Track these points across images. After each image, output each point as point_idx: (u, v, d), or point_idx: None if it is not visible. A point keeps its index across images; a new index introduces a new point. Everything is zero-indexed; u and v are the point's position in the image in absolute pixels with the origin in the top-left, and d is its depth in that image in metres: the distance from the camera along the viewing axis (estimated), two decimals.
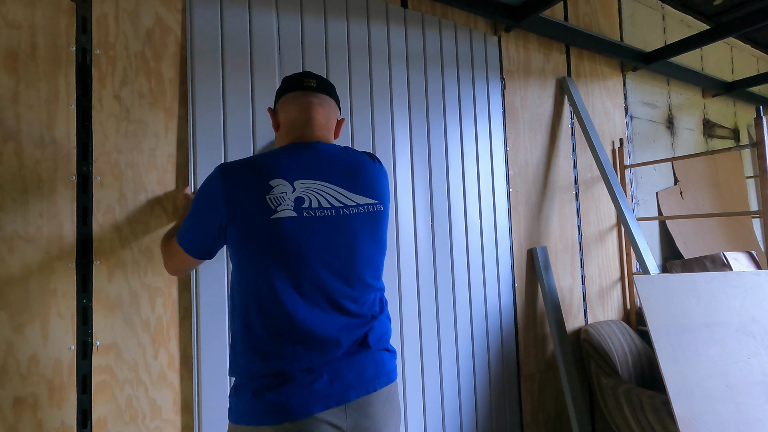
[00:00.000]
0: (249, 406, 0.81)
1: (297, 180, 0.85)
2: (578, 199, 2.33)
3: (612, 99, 2.58)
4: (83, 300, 1.13)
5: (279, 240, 0.82)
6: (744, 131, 3.68)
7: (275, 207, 0.82)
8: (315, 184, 0.87)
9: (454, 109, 1.88)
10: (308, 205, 0.85)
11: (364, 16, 1.66)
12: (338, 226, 0.88)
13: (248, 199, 0.82)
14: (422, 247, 1.71)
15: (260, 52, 1.42)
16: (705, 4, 3.07)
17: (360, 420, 0.85)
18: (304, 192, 0.85)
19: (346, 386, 0.84)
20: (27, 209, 1.08)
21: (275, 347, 0.82)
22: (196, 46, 1.31)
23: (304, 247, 0.83)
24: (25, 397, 1.04)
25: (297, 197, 0.84)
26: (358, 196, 0.92)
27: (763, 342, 1.56)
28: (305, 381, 0.81)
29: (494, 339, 1.90)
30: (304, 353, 0.83)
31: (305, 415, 0.79)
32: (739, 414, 1.41)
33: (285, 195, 0.83)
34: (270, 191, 0.82)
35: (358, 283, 0.91)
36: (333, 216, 0.87)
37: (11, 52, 1.08)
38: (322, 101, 0.96)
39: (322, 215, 0.86)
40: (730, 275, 1.71)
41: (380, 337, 0.94)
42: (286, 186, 0.84)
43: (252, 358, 0.83)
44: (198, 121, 1.30)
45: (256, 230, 0.82)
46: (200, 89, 1.31)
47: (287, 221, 0.82)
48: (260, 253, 0.83)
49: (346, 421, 0.83)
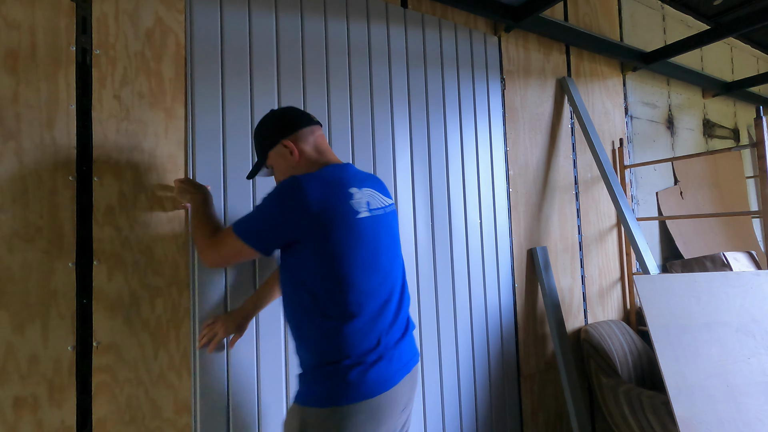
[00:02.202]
0: (347, 384, 0.93)
1: (361, 189, 1.04)
2: (578, 199, 2.33)
3: (612, 99, 2.58)
4: (83, 300, 1.13)
5: (361, 235, 0.99)
6: (744, 131, 3.68)
7: (358, 209, 1.00)
8: (368, 191, 1.07)
9: (454, 109, 1.88)
10: (374, 207, 1.05)
11: (364, 16, 1.66)
12: (388, 222, 1.10)
13: (338, 204, 0.97)
14: (422, 247, 1.71)
15: (260, 52, 1.42)
16: (705, 4, 3.07)
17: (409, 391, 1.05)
18: (368, 198, 1.05)
19: (405, 362, 1.02)
20: (27, 209, 1.08)
21: (367, 330, 0.97)
22: (196, 46, 1.31)
23: (378, 240, 1.03)
24: (25, 397, 1.04)
25: (366, 201, 1.03)
26: (386, 198, 1.13)
27: (763, 342, 1.56)
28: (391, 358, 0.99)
29: (494, 339, 1.90)
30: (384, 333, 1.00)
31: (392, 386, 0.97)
32: (739, 414, 1.41)
33: (362, 200, 1.02)
34: (352, 197, 1.00)
35: (401, 268, 1.14)
36: (385, 214, 1.09)
37: (11, 52, 1.08)
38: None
39: (381, 213, 1.07)
40: (730, 275, 1.71)
41: (410, 319, 1.13)
42: (359, 193, 1.02)
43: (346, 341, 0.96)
44: (197, 121, 1.30)
45: (345, 229, 0.96)
46: (200, 89, 1.31)
47: (367, 221, 1.01)
48: (346, 245, 0.97)
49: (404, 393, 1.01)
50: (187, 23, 1.31)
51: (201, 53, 1.32)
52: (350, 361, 0.93)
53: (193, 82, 1.30)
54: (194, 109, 1.29)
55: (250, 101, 1.39)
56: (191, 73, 1.30)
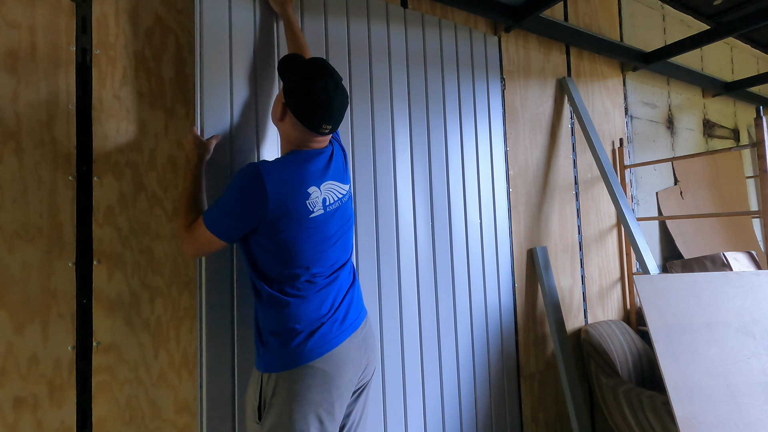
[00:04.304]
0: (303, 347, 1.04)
1: (322, 184, 1.08)
2: (578, 199, 2.33)
3: (612, 99, 2.58)
4: (83, 300, 1.13)
5: (314, 233, 1.06)
6: (744, 131, 3.68)
7: (312, 209, 1.05)
8: (328, 185, 1.11)
9: (454, 109, 1.88)
10: (330, 202, 1.10)
11: (364, 16, 1.66)
12: (342, 212, 1.15)
13: (294, 202, 1.01)
14: (422, 247, 1.71)
15: (261, 52, 1.41)
16: (705, 4, 3.07)
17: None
18: (327, 193, 1.09)
19: (350, 323, 1.12)
20: (27, 209, 1.08)
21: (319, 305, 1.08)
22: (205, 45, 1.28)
23: (330, 234, 1.10)
24: (25, 397, 1.04)
25: (323, 198, 1.08)
26: (343, 185, 1.17)
27: (763, 342, 1.56)
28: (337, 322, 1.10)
29: (494, 339, 1.90)
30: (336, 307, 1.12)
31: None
32: (739, 414, 1.41)
33: (317, 199, 1.06)
34: (309, 197, 1.04)
35: (348, 252, 1.22)
36: (340, 206, 1.14)
37: (11, 52, 1.08)
38: (326, 138, 1.15)
39: (337, 207, 1.12)
40: (730, 275, 1.71)
41: (354, 286, 1.23)
42: (317, 192, 1.07)
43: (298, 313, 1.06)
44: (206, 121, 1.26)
45: (298, 229, 1.03)
46: (208, 88, 1.27)
47: (319, 218, 1.06)
48: (300, 244, 1.04)
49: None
50: (197, 21, 1.27)
51: (209, 51, 1.28)
52: (297, 331, 1.03)
53: (202, 82, 1.26)
54: (202, 109, 1.26)
55: (254, 101, 1.38)
56: (200, 72, 1.26)
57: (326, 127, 1.08)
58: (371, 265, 1.57)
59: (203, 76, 1.29)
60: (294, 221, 1.02)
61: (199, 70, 1.30)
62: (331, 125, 1.09)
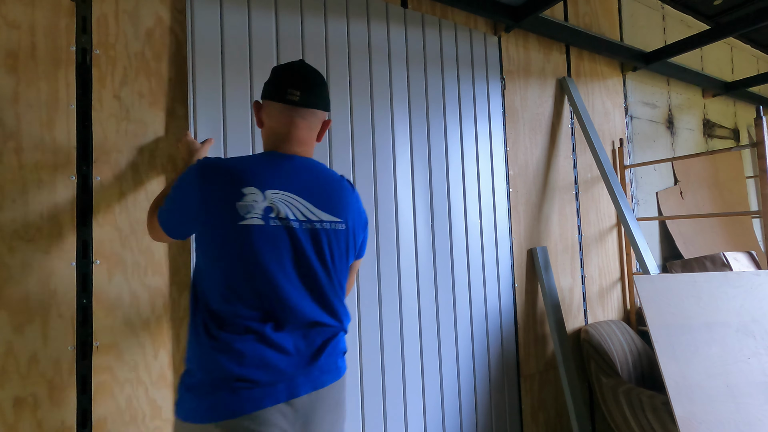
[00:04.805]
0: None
1: (269, 189, 0.87)
2: (578, 199, 2.33)
3: (612, 99, 2.58)
4: (83, 300, 1.13)
5: (242, 246, 0.84)
6: (744, 131, 3.68)
7: (243, 214, 0.84)
8: (285, 196, 0.89)
9: (454, 109, 1.88)
10: (275, 215, 0.87)
11: (364, 16, 1.66)
12: (302, 238, 0.89)
13: (220, 201, 0.84)
14: (422, 247, 1.71)
15: (259, 53, 1.42)
16: (705, 4, 3.07)
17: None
18: (274, 202, 0.87)
19: (282, 389, 0.85)
20: (27, 209, 1.08)
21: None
22: (197, 46, 1.31)
23: (266, 255, 0.85)
24: (25, 397, 1.04)
25: (267, 206, 0.86)
26: (323, 213, 0.93)
27: (763, 342, 1.56)
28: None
29: (494, 339, 1.90)
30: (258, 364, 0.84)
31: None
32: (739, 414, 1.41)
33: (255, 203, 0.85)
34: (242, 198, 0.84)
35: (318, 299, 0.92)
36: (298, 228, 0.89)
37: (11, 52, 1.08)
38: (304, 115, 0.95)
39: (288, 226, 0.88)
40: (730, 275, 1.71)
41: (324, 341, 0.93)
42: (257, 194, 0.86)
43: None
44: (198, 121, 1.30)
45: (223, 234, 0.84)
46: (201, 89, 1.31)
47: (254, 229, 0.84)
48: (224, 257, 0.85)
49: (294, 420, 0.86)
50: (188, 23, 1.31)
51: (202, 53, 1.32)
52: (212, 375, 0.82)
53: (195, 82, 1.30)
54: (195, 109, 1.29)
55: (249, 101, 1.39)
56: (192, 73, 1.30)
57: (293, 92, 0.92)
58: (371, 265, 1.57)
59: (196, 79, 1.31)
60: (218, 226, 0.84)
61: (192, 73, 1.30)
62: (298, 91, 0.93)
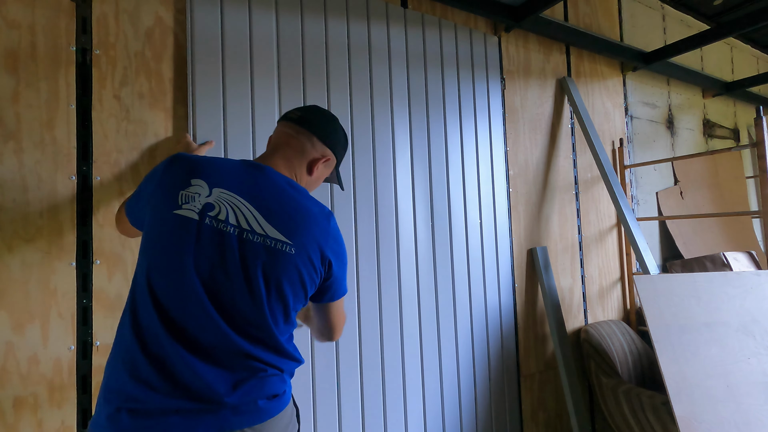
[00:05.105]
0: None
1: (218, 187, 0.81)
2: (578, 199, 2.33)
3: (612, 99, 2.58)
4: (83, 300, 1.13)
5: (168, 236, 0.78)
6: (744, 131, 3.68)
7: (181, 204, 0.79)
8: (233, 198, 0.81)
9: (454, 109, 1.88)
10: (215, 214, 0.79)
11: (364, 16, 1.66)
12: (236, 246, 0.79)
13: (168, 186, 0.81)
14: (422, 247, 1.71)
15: (260, 53, 1.42)
16: (705, 4, 3.07)
17: None
18: (219, 201, 0.80)
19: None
20: (27, 209, 1.08)
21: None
22: (197, 46, 1.31)
23: (187, 252, 0.77)
24: (25, 397, 1.04)
25: (208, 203, 0.79)
26: (272, 228, 0.82)
27: (763, 342, 1.56)
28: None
29: (494, 339, 1.90)
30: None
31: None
32: (739, 414, 1.41)
33: (197, 196, 0.79)
34: (186, 188, 0.80)
35: (239, 321, 0.79)
36: (234, 234, 0.79)
37: (11, 52, 1.08)
38: (297, 133, 0.93)
39: (224, 229, 0.79)
40: (730, 275, 1.71)
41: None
42: (203, 188, 0.80)
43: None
44: (198, 121, 1.30)
45: (159, 220, 0.80)
46: (200, 89, 1.31)
47: (184, 221, 0.78)
48: (150, 245, 0.80)
49: None
50: (188, 23, 1.31)
51: (201, 53, 1.32)
52: (108, 395, 0.74)
53: (194, 82, 1.30)
54: (195, 109, 1.29)
55: (250, 101, 1.39)
56: (192, 72, 1.30)
57: (295, 111, 0.96)
58: (371, 265, 1.58)
59: (196, 79, 1.31)
60: (156, 209, 0.80)
61: (192, 73, 1.31)
62: (300, 112, 0.95)
